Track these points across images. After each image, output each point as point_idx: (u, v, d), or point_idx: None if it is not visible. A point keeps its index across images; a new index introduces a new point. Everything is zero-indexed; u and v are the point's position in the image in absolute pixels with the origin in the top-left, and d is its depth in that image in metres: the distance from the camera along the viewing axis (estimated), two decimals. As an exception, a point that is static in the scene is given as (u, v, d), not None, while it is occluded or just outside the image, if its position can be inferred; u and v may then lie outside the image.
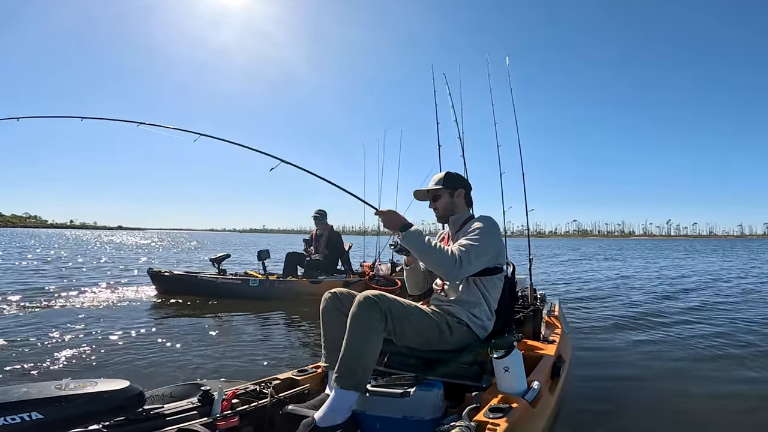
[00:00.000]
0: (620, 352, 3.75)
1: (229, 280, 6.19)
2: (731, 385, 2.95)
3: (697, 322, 5.07)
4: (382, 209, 1.88)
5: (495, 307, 1.96)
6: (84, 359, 3.35)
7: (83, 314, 5.03)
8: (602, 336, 4.33)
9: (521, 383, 1.66)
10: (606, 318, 5.28)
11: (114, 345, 3.75)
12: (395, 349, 1.89)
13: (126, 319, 4.81)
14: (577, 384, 2.75)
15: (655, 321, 5.12)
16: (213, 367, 3.20)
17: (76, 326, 4.39)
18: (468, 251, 1.78)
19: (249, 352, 3.64)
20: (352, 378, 1.55)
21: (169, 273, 6.39)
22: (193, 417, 1.51)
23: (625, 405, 2.58)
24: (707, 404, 2.62)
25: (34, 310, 5.17)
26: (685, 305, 6.28)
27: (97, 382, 1.26)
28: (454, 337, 1.81)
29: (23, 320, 4.63)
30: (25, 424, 1.10)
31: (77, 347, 3.61)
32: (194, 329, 4.47)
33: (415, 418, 1.62)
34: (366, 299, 1.60)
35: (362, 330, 1.58)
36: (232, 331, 4.46)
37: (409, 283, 2.15)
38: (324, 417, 1.51)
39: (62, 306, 5.56)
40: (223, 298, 5.98)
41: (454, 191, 2.07)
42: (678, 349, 3.87)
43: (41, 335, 3.97)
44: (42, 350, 3.52)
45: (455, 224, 2.07)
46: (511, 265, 2.37)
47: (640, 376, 3.10)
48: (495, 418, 1.40)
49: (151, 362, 3.30)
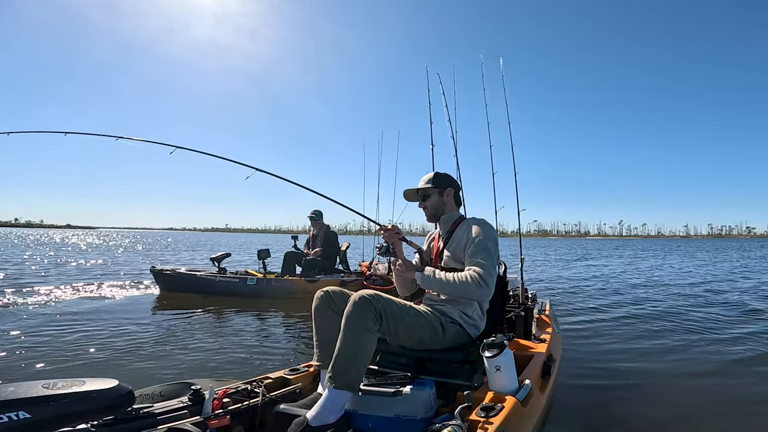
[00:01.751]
0: (609, 351, 3.79)
1: (227, 278, 6.29)
2: (724, 384, 2.99)
3: (687, 320, 5.15)
4: (388, 226, 1.99)
5: (487, 307, 1.97)
6: (74, 358, 3.31)
7: (76, 312, 5.00)
8: (592, 335, 4.38)
9: (512, 382, 1.67)
10: (596, 317, 5.34)
11: (106, 343, 3.71)
12: (388, 348, 1.90)
13: (120, 318, 4.79)
14: (567, 383, 2.78)
15: (644, 320, 5.19)
16: (204, 366, 3.18)
17: (70, 324, 4.35)
18: (486, 267, 1.79)
19: (241, 350, 3.62)
20: (345, 378, 1.54)
21: (171, 271, 6.49)
22: (184, 416, 1.49)
23: (614, 403, 2.61)
24: (697, 402, 2.66)
25: (25, 308, 5.10)
26: (672, 304, 6.37)
27: (85, 382, 1.25)
28: (446, 336, 1.82)
29: (10, 318, 4.56)
30: (12, 423, 1.08)
31: (70, 345, 3.58)
32: (188, 327, 4.45)
33: (407, 417, 1.63)
34: (361, 299, 1.60)
35: (357, 330, 1.58)
36: (226, 330, 4.44)
37: (399, 285, 2.16)
38: (316, 416, 1.51)
39: (57, 304, 5.50)
40: (222, 296, 6.06)
41: (444, 190, 2.07)
42: (668, 347, 3.93)
43: (31, 334, 3.93)
44: (30, 349, 3.47)
45: (446, 224, 2.07)
46: (503, 265, 2.39)
47: (630, 375, 3.14)
48: (487, 417, 1.41)
49: (141, 360, 3.27)
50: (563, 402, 2.49)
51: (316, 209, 6.70)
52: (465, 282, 1.77)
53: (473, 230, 1.91)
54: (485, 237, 1.87)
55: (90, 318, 4.72)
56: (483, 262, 1.80)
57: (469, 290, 1.77)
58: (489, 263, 1.80)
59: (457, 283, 1.78)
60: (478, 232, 1.89)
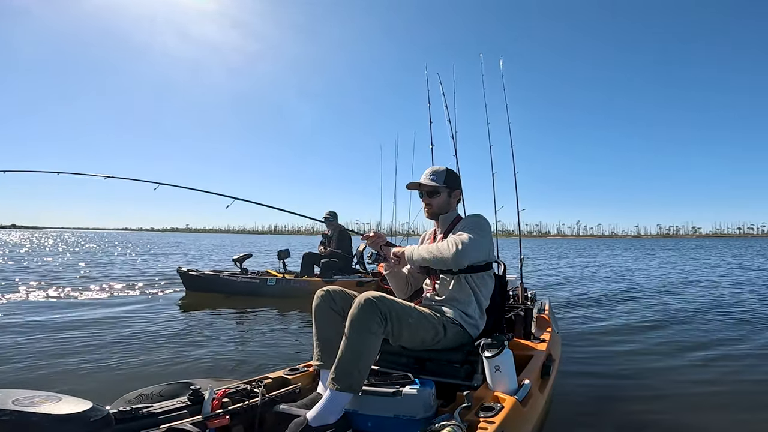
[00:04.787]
0: (608, 351, 3.80)
1: (248, 279, 6.54)
2: (724, 383, 3.00)
3: (685, 319, 5.16)
4: (369, 234, 1.99)
5: (486, 305, 1.97)
6: (86, 354, 3.36)
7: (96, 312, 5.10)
8: (590, 335, 4.38)
9: (512, 382, 1.67)
10: (595, 317, 5.35)
11: (118, 342, 3.79)
12: (388, 348, 1.89)
13: (138, 318, 4.88)
14: (566, 383, 2.78)
15: (643, 319, 5.20)
16: (203, 366, 3.18)
17: (80, 325, 4.42)
18: (465, 240, 1.79)
19: (248, 350, 3.65)
20: (348, 380, 1.54)
21: (196, 272, 6.78)
22: (183, 416, 1.49)
23: (613, 403, 2.62)
24: (697, 402, 2.66)
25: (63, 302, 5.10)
26: (672, 303, 6.39)
27: (61, 399, 1.15)
28: (448, 337, 1.82)
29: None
30: None
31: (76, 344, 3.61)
32: (200, 327, 4.55)
33: (407, 417, 1.63)
34: (366, 301, 1.59)
35: (361, 332, 1.57)
36: (239, 329, 4.55)
37: (394, 288, 2.16)
38: (316, 417, 1.51)
39: (79, 301, 5.52)
40: (243, 296, 6.27)
41: (453, 191, 2.06)
42: (667, 347, 3.93)
43: (45, 332, 3.94)
44: (48, 350, 3.51)
45: (444, 223, 2.07)
46: (502, 265, 2.39)
47: (629, 375, 3.15)
48: (486, 417, 1.41)
49: (141, 361, 3.27)
50: (563, 402, 2.49)
51: (331, 210, 6.91)
52: (441, 247, 1.79)
53: (468, 220, 1.96)
54: (477, 224, 1.90)
55: (109, 319, 4.81)
56: (466, 235, 1.81)
57: (442, 251, 1.77)
58: (473, 236, 1.80)
59: (435, 249, 1.80)
60: (472, 221, 1.93)
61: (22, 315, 4.81)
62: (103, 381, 2.83)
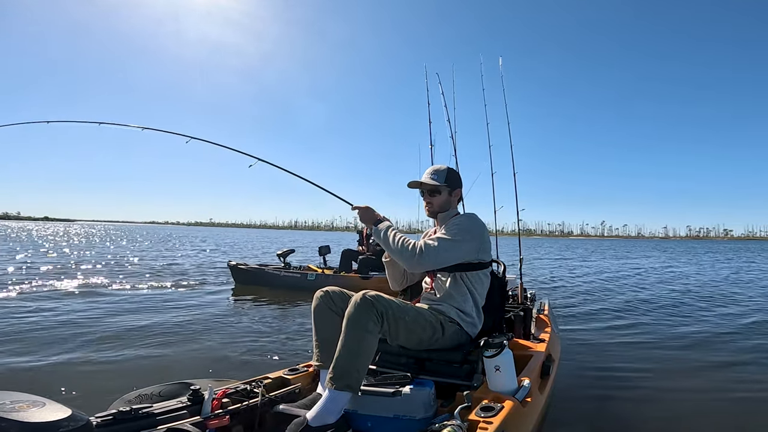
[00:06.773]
0: (608, 351, 3.80)
1: (290, 273, 7.09)
2: (719, 383, 3.00)
3: (687, 320, 5.17)
4: (359, 205, 1.98)
5: (482, 303, 1.97)
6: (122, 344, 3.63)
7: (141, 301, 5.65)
8: (590, 335, 4.38)
9: (512, 382, 1.67)
10: (594, 317, 5.35)
11: (142, 333, 4.03)
12: (387, 348, 1.90)
13: (173, 309, 5.22)
14: (566, 383, 2.78)
15: (642, 319, 5.21)
16: (203, 365, 3.17)
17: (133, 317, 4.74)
18: (436, 245, 1.81)
19: (244, 350, 3.65)
20: (346, 379, 1.54)
21: (244, 266, 7.32)
22: (183, 416, 1.49)
23: (613, 403, 2.62)
24: (697, 402, 2.67)
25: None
26: (670, 303, 6.39)
27: (45, 404, 1.13)
28: (446, 336, 1.82)
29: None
30: None
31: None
32: (246, 319, 4.81)
33: (407, 417, 1.62)
34: (362, 300, 1.60)
35: (358, 331, 1.57)
36: (276, 323, 4.74)
37: (389, 276, 2.19)
38: (316, 417, 1.50)
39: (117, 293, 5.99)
40: (286, 290, 6.76)
41: (453, 191, 2.07)
42: (667, 347, 3.94)
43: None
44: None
45: (443, 221, 2.07)
46: (502, 265, 2.39)
47: (629, 374, 3.15)
48: (486, 417, 1.41)
49: (143, 360, 3.28)
50: (562, 402, 2.49)
51: None
52: (405, 245, 1.81)
53: (454, 220, 1.96)
54: (459, 225, 1.90)
55: (150, 307, 5.23)
56: (440, 237, 1.84)
57: (403, 253, 1.80)
58: (443, 244, 1.82)
59: (398, 243, 1.82)
60: (456, 221, 1.93)
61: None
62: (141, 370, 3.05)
